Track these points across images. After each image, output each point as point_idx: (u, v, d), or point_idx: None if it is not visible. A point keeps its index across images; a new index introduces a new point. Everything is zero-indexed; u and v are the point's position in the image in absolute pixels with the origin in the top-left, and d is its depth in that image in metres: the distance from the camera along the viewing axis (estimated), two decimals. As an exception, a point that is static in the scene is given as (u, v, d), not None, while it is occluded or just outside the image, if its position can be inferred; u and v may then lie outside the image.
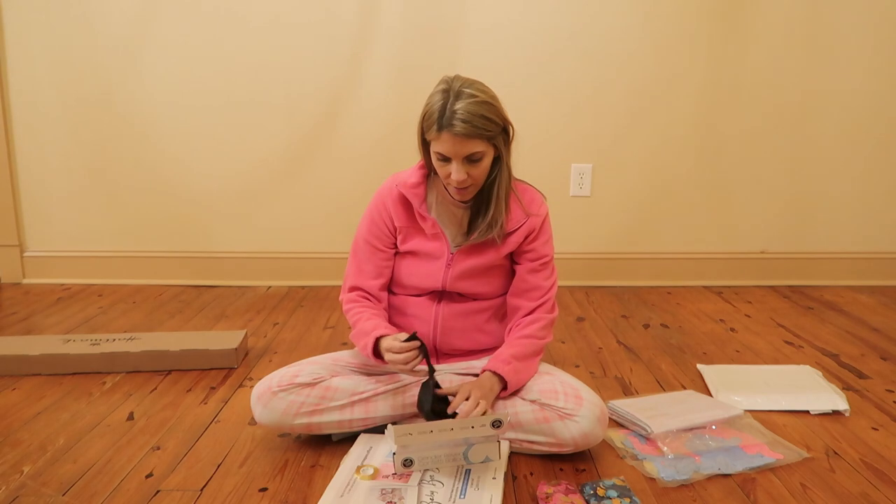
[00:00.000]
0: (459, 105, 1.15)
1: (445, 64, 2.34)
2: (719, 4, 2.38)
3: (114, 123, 2.45)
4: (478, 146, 1.17)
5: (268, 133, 2.46)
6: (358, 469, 1.18)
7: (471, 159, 1.19)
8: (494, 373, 1.24)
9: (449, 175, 1.20)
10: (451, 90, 1.17)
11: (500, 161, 1.25)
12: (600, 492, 1.12)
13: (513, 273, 1.38)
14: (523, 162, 1.37)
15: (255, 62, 2.40)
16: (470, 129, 1.15)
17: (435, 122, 1.17)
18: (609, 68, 2.42)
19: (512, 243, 1.32)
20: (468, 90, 1.17)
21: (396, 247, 1.36)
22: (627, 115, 2.46)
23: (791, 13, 2.39)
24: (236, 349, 1.73)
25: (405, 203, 1.32)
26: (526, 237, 1.32)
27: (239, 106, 2.44)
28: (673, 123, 2.47)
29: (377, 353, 1.25)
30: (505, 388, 1.24)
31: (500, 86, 1.29)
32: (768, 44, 2.41)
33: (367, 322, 1.29)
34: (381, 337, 1.23)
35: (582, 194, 2.52)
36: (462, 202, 1.31)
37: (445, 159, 1.20)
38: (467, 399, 1.17)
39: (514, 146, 1.29)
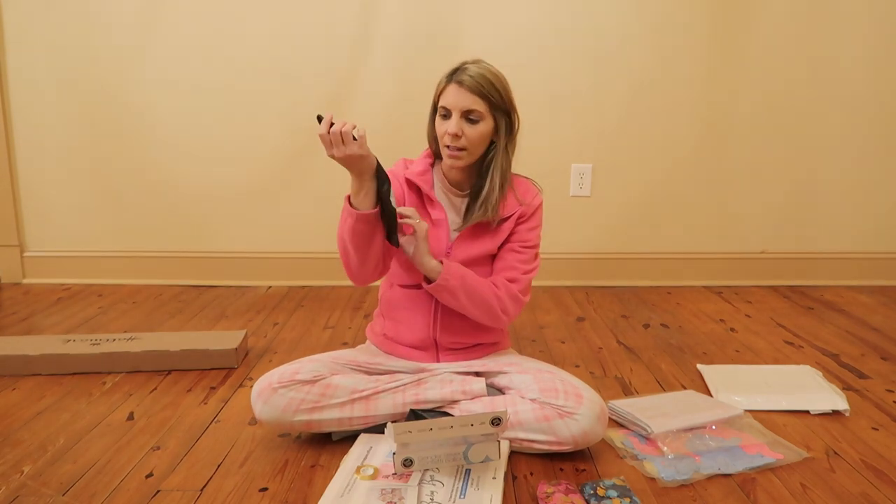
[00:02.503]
0: (471, 66, 1.27)
1: (445, 64, 2.34)
2: (721, 5, 2.38)
3: (114, 123, 2.45)
4: (478, 104, 1.25)
5: (268, 133, 2.46)
6: (358, 469, 1.18)
7: (469, 117, 1.26)
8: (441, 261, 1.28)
9: (445, 133, 1.27)
10: (469, 61, 1.29)
11: (496, 145, 1.30)
12: (600, 492, 1.12)
13: None
14: (524, 162, 1.38)
15: (255, 63, 2.40)
16: (475, 84, 1.24)
17: (445, 77, 1.28)
18: (609, 68, 2.42)
19: (504, 231, 1.36)
20: (484, 63, 1.30)
21: None
22: (627, 115, 2.46)
23: (791, 14, 2.39)
24: (236, 349, 1.73)
25: (415, 187, 1.37)
26: (516, 222, 1.36)
27: (239, 106, 2.44)
28: (673, 123, 2.47)
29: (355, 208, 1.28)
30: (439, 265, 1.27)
31: (500, 86, 1.30)
32: (769, 45, 2.41)
33: None
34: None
35: (582, 194, 2.52)
36: (460, 189, 1.35)
37: (447, 115, 1.27)
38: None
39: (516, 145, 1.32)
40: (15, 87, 2.42)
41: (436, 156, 1.39)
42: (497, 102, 1.27)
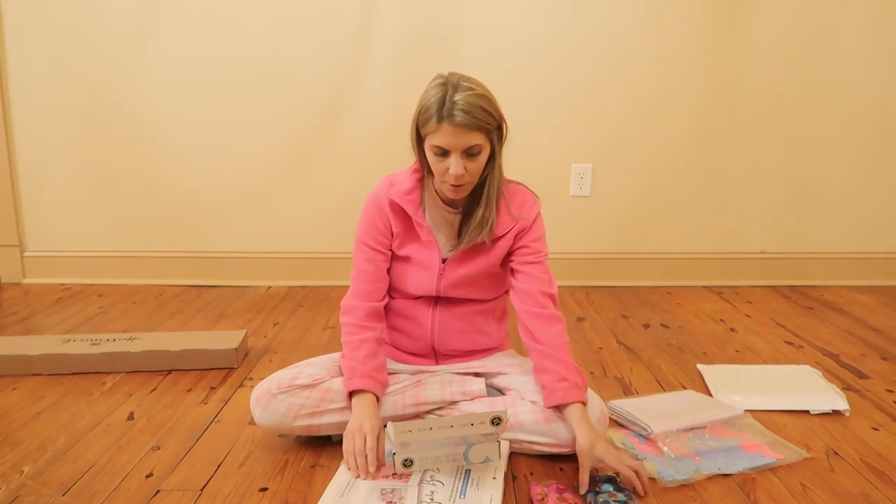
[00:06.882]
0: (459, 96, 1.14)
1: (446, 65, 2.32)
2: (720, 5, 2.38)
3: (114, 123, 2.45)
4: (477, 138, 1.16)
5: (268, 133, 2.46)
6: (358, 469, 1.18)
7: (469, 153, 1.18)
8: (571, 403, 1.19)
9: (445, 171, 1.19)
10: (449, 83, 1.17)
11: (493, 160, 1.23)
12: (595, 487, 1.12)
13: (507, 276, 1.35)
14: (523, 162, 1.37)
15: (256, 63, 2.40)
16: (471, 119, 1.14)
17: (434, 113, 1.16)
18: (609, 69, 2.42)
19: (501, 248, 1.30)
20: (466, 83, 1.17)
21: (392, 250, 1.35)
22: (627, 115, 2.46)
23: (792, 14, 2.39)
24: (236, 349, 1.73)
25: (401, 209, 1.30)
26: (516, 238, 1.30)
27: (239, 106, 2.44)
28: (673, 123, 2.47)
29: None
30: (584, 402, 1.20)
31: (500, 87, 1.29)
32: (769, 44, 2.41)
33: (352, 356, 1.26)
34: (357, 392, 1.23)
35: (582, 194, 2.52)
36: (453, 207, 1.29)
37: (443, 154, 1.18)
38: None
39: (511, 146, 1.28)
40: (15, 87, 2.42)
41: (425, 170, 1.30)
42: (492, 126, 1.18)
